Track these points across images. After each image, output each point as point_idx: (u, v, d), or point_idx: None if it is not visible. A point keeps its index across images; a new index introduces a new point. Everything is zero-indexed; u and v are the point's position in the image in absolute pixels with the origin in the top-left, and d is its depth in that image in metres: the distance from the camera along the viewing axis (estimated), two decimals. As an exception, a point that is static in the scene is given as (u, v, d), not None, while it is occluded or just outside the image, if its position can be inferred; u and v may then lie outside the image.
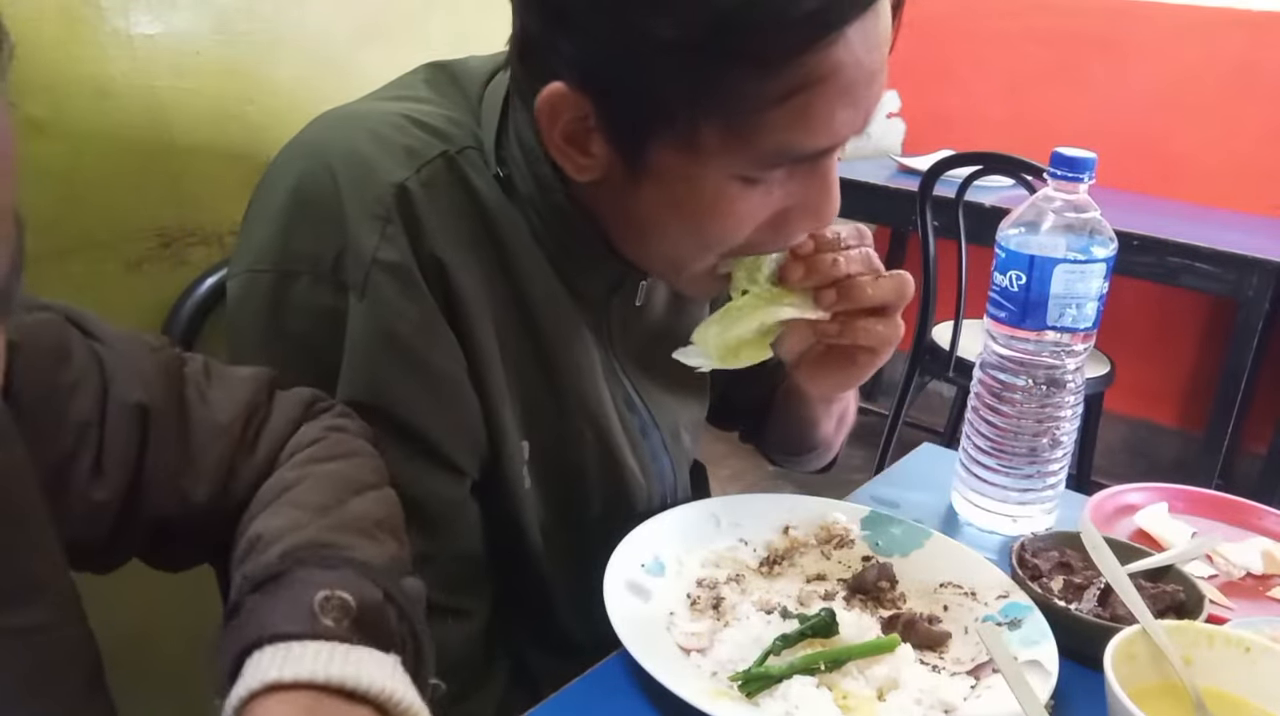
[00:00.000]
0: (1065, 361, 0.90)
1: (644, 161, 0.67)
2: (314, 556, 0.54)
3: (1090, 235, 0.86)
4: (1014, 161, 2.24)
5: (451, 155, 0.73)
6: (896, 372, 2.55)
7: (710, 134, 0.64)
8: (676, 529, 0.84)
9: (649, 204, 0.70)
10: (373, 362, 0.70)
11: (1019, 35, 3.12)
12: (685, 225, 0.70)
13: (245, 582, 0.53)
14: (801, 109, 0.63)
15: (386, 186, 0.69)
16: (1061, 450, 0.94)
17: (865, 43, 0.62)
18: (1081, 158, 0.85)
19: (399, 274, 0.69)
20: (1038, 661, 0.71)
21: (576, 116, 0.67)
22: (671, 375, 0.90)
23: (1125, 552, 0.81)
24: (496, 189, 0.74)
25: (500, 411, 0.76)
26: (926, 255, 2.46)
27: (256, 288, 0.71)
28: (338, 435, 0.67)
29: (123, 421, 0.59)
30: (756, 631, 0.73)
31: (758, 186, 0.68)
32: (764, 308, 0.75)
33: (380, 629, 0.52)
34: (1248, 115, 2.81)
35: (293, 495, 0.61)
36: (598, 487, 0.85)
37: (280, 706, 0.47)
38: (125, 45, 0.92)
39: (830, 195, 0.70)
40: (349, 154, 0.71)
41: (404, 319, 0.69)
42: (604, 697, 0.69)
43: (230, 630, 0.52)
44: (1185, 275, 2.38)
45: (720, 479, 2.82)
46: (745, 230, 0.70)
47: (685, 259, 0.74)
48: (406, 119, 0.73)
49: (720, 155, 0.65)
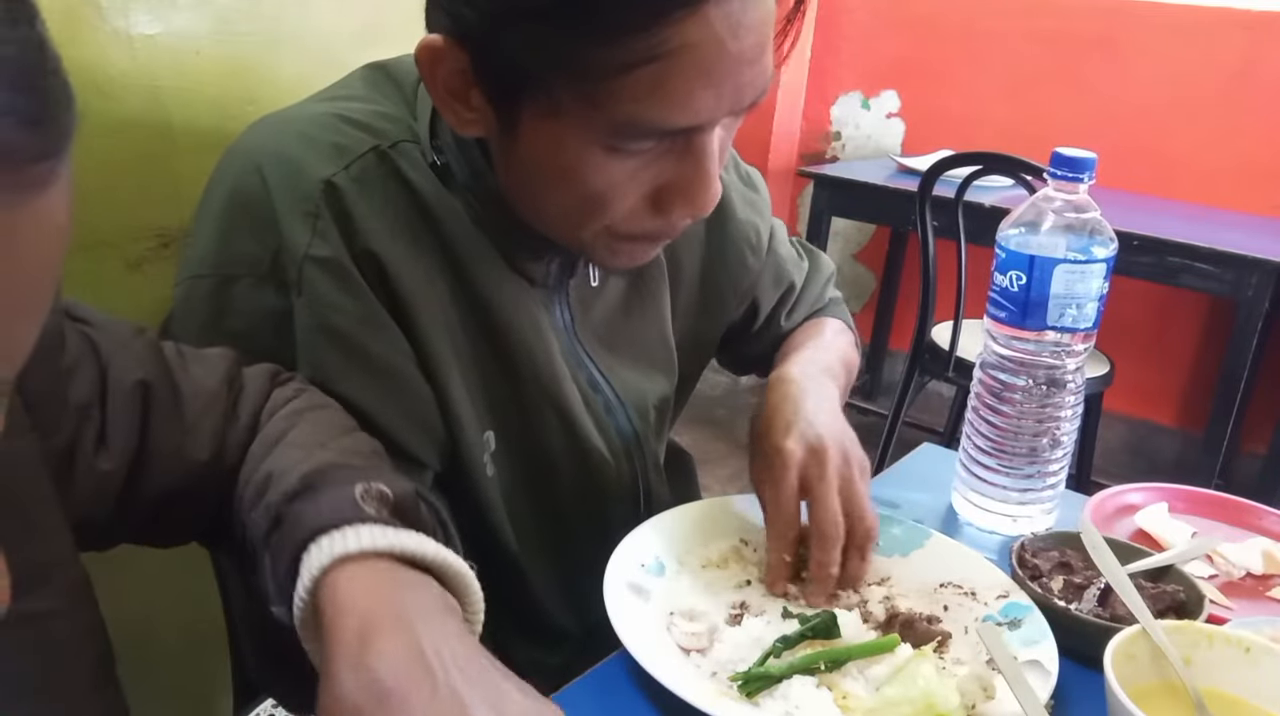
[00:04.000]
0: (1065, 361, 0.90)
1: (514, 120, 0.67)
2: (333, 473, 0.57)
3: (1090, 235, 0.86)
4: (1014, 161, 2.24)
5: (384, 150, 0.73)
6: (896, 373, 2.56)
7: (568, 99, 0.64)
8: (676, 529, 0.84)
9: (526, 165, 0.70)
10: (319, 357, 0.71)
11: (1019, 35, 3.12)
12: (557, 189, 0.69)
13: (274, 504, 0.56)
14: (654, 82, 0.61)
15: (315, 183, 0.70)
16: (1061, 450, 0.94)
17: (728, 23, 0.61)
18: (1081, 158, 0.85)
19: (332, 269, 0.70)
20: (1038, 661, 0.71)
21: (455, 69, 0.67)
22: (635, 353, 0.90)
23: (1125, 552, 0.81)
24: (434, 180, 0.74)
25: (455, 400, 0.76)
26: (926, 255, 2.46)
27: (198, 292, 0.72)
28: (309, 391, 0.70)
29: (124, 399, 0.60)
30: (757, 631, 0.73)
31: (625, 159, 0.67)
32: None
33: (416, 516, 0.55)
34: (1248, 115, 2.81)
35: (290, 438, 0.63)
36: (566, 469, 0.85)
37: (361, 570, 0.50)
38: (125, 45, 0.92)
39: (704, 179, 0.68)
40: (277, 155, 0.71)
41: (341, 312, 0.70)
42: (604, 697, 0.69)
43: (277, 540, 0.54)
44: (1185, 275, 2.38)
45: (720, 479, 2.83)
46: (617, 202, 0.69)
47: (564, 226, 0.73)
48: (337, 118, 0.74)
49: (580, 121, 0.64)
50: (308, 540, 0.51)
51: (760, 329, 1.03)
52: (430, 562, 0.53)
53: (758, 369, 1.09)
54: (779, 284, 1.02)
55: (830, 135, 3.56)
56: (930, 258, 2.45)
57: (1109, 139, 2.92)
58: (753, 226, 0.97)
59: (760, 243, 0.98)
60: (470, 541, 0.81)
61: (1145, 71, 2.94)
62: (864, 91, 3.45)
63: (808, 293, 1.05)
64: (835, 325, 1.03)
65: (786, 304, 1.03)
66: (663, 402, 0.94)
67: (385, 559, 0.51)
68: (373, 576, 0.50)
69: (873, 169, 3.00)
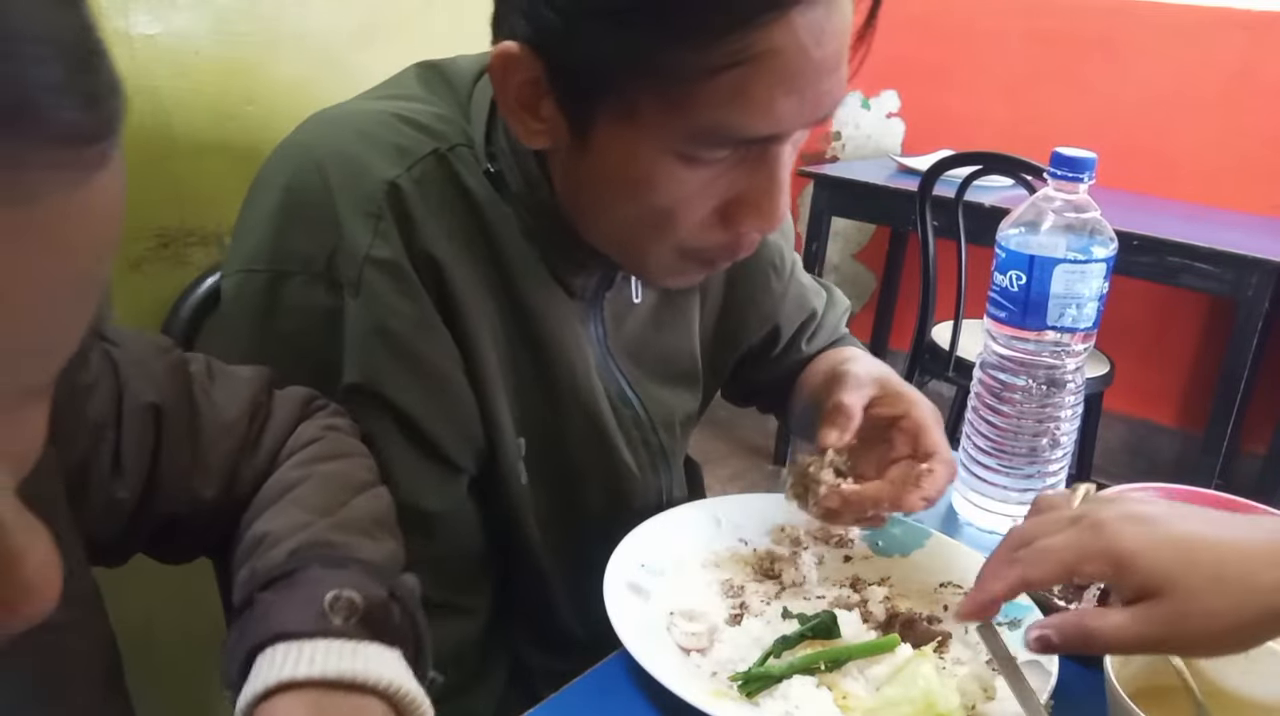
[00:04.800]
0: (1065, 361, 0.90)
1: (589, 129, 0.67)
2: (322, 556, 0.56)
3: (1090, 235, 0.86)
4: (1014, 161, 2.24)
5: (442, 153, 0.73)
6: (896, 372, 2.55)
7: (648, 103, 0.63)
8: (676, 529, 0.84)
9: (594, 174, 0.69)
10: (371, 359, 0.70)
11: (1019, 35, 3.13)
12: (627, 202, 0.69)
13: (255, 578, 0.55)
14: (737, 87, 0.61)
15: (378, 184, 0.69)
16: (1061, 450, 0.94)
17: (811, 32, 0.61)
18: (1081, 158, 0.85)
19: (392, 271, 0.69)
20: (1038, 661, 0.71)
21: (528, 78, 0.66)
22: (664, 368, 0.90)
23: (1125, 552, 0.81)
24: (487, 186, 0.74)
25: (496, 407, 0.76)
26: (926, 255, 2.46)
27: (250, 287, 0.71)
28: (334, 435, 0.68)
29: (137, 421, 0.59)
30: (757, 632, 0.73)
31: (699, 169, 0.66)
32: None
33: (385, 625, 0.54)
34: (1248, 115, 2.81)
35: (296, 494, 0.62)
36: (594, 482, 0.85)
37: (293, 703, 0.49)
38: (125, 45, 0.92)
39: (776, 191, 0.68)
40: (339, 153, 0.71)
41: (398, 316, 0.70)
42: (604, 697, 0.69)
43: (241, 625, 0.53)
44: (1185, 275, 2.38)
45: (720, 479, 2.83)
46: (687, 214, 0.69)
47: (632, 241, 0.73)
48: (396, 117, 0.73)
49: (658, 127, 0.64)
50: (266, 643, 0.51)
51: (779, 355, 1.02)
52: (379, 689, 0.51)
53: (762, 398, 1.09)
54: (802, 310, 1.02)
55: (830, 135, 3.56)
56: (930, 258, 2.45)
57: (1109, 139, 2.92)
58: (778, 249, 0.97)
59: (784, 266, 0.98)
60: (500, 550, 0.82)
61: (1145, 71, 2.94)
62: (864, 91, 3.45)
63: (827, 321, 1.05)
64: (856, 351, 1.02)
65: (808, 330, 1.03)
66: (688, 419, 0.95)
67: (327, 688, 0.50)
68: (305, 711, 0.49)
69: (873, 169, 3.00)
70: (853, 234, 3.58)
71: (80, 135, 0.21)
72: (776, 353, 1.02)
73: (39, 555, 0.25)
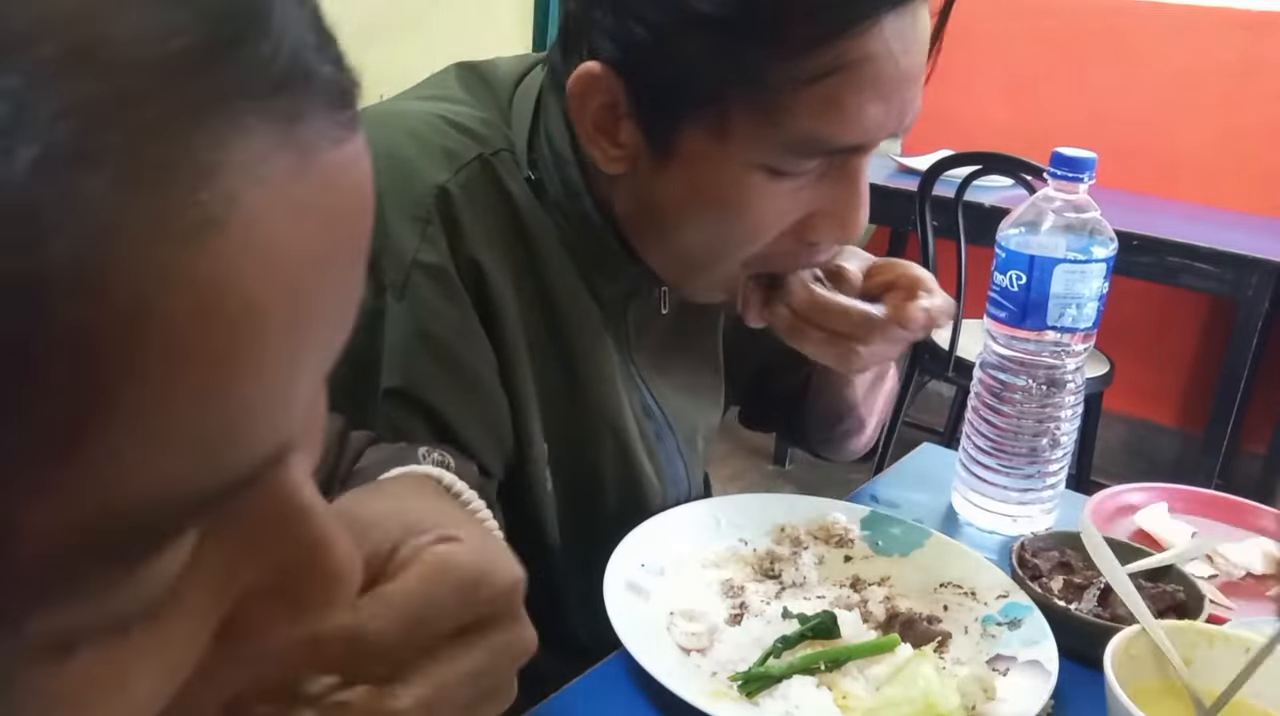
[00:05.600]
0: (1065, 361, 0.90)
1: (672, 145, 0.67)
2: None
3: (1090, 235, 0.86)
4: (1014, 161, 2.24)
5: (487, 158, 0.73)
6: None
7: (739, 116, 0.64)
8: (676, 529, 0.84)
9: (674, 193, 0.70)
10: (410, 362, 0.70)
11: (1019, 35, 3.12)
12: (708, 217, 0.69)
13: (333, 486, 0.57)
14: (831, 96, 0.62)
15: (428, 188, 0.70)
16: (1061, 450, 0.94)
17: (900, 39, 0.63)
18: (1081, 158, 0.85)
19: (438, 276, 0.69)
20: (1038, 661, 0.71)
21: (607, 102, 0.67)
22: (687, 381, 0.90)
23: (1125, 552, 0.81)
24: (528, 192, 0.74)
25: (527, 413, 0.76)
26: (926, 255, 2.45)
27: None
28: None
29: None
30: (757, 632, 0.73)
31: (784, 182, 0.67)
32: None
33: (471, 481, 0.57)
34: (1248, 115, 2.81)
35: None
36: (614, 492, 0.85)
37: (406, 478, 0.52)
38: (125, 45, 0.92)
39: (858, 201, 0.70)
40: (389, 154, 0.71)
41: (442, 320, 0.70)
42: (604, 697, 0.69)
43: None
44: (1185, 275, 2.38)
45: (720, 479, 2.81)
46: (769, 229, 0.69)
47: (705, 260, 0.73)
48: (442, 119, 0.73)
49: (748, 140, 0.65)
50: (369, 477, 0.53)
51: (787, 365, 1.00)
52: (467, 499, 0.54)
53: (773, 417, 1.07)
54: None
55: (830, 135, 3.56)
56: (930, 258, 2.45)
57: (1109, 139, 2.91)
58: None
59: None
60: (519, 556, 0.81)
61: (1145, 71, 2.94)
62: (864, 91, 3.45)
63: None
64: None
65: None
66: (710, 431, 0.95)
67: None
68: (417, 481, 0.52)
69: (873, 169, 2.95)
70: (853, 234, 3.58)
71: (340, 93, 0.22)
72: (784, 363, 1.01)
73: (345, 543, 0.25)
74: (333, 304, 0.22)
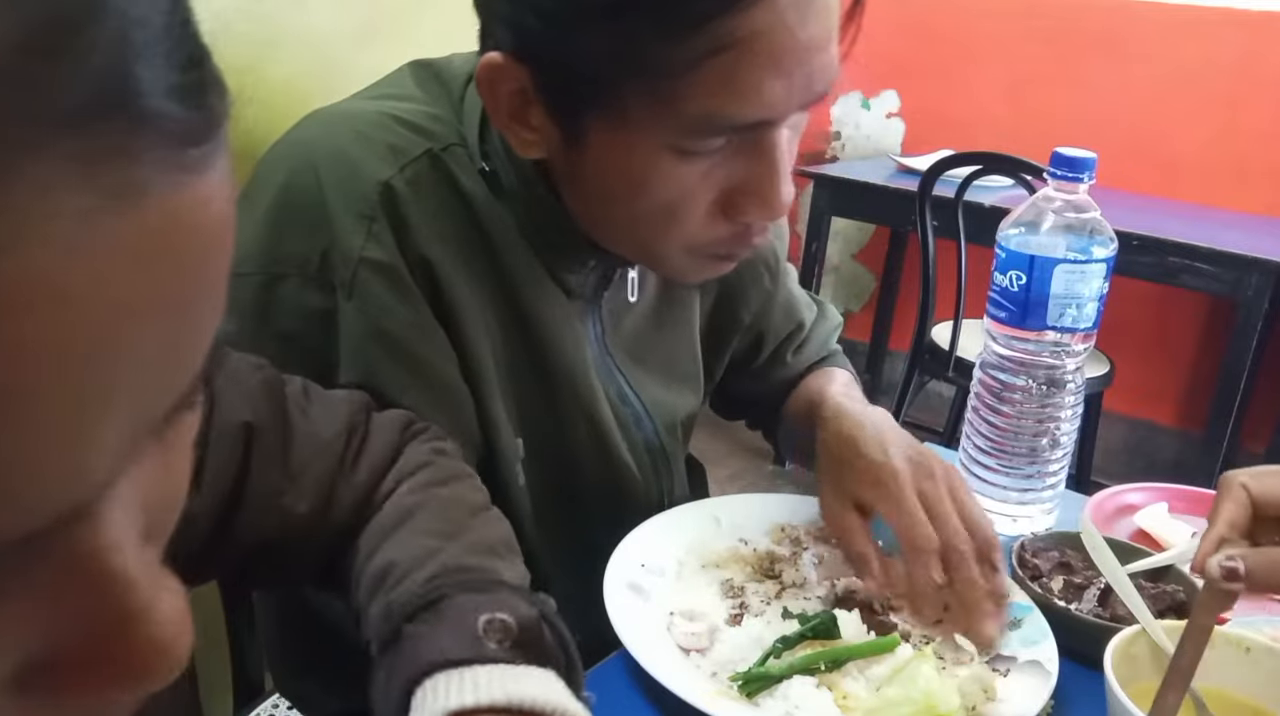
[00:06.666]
0: (1065, 361, 0.90)
1: (581, 134, 0.67)
2: (463, 581, 0.55)
3: (1090, 235, 0.86)
4: (1014, 161, 2.24)
5: (436, 153, 0.73)
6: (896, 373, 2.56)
7: (636, 100, 0.63)
8: (676, 529, 0.84)
9: (591, 178, 0.69)
10: (365, 359, 0.70)
11: (1019, 35, 3.12)
12: (627, 203, 0.69)
13: (394, 611, 0.54)
14: (725, 74, 0.61)
15: (372, 185, 0.69)
16: (1061, 450, 0.94)
17: (796, 9, 0.61)
18: (1081, 158, 0.85)
19: (386, 272, 0.69)
20: (1038, 661, 0.71)
21: (516, 88, 0.66)
22: (665, 368, 0.90)
23: (1125, 552, 0.81)
24: (482, 185, 0.74)
25: (493, 408, 0.76)
26: (926, 255, 2.46)
27: (245, 289, 0.71)
28: (442, 459, 0.67)
29: (226, 440, 0.58)
30: (756, 632, 0.73)
31: (695, 162, 0.66)
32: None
33: (539, 646, 0.53)
34: (1248, 115, 2.81)
35: (416, 522, 0.60)
36: (594, 483, 0.85)
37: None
38: (125, 45, 0.92)
39: (775, 178, 0.67)
40: (334, 153, 0.71)
41: (393, 317, 0.70)
42: (604, 697, 0.69)
43: (390, 662, 0.52)
44: (1185, 275, 2.38)
45: (720, 479, 2.82)
46: (688, 210, 0.68)
47: (641, 243, 0.72)
48: (390, 117, 0.73)
49: (649, 123, 0.64)
50: (424, 674, 0.50)
51: (764, 365, 1.02)
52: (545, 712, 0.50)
53: (751, 413, 1.08)
54: (789, 319, 1.01)
55: (830, 135, 3.56)
56: (930, 258, 2.45)
57: (1109, 139, 2.91)
58: (771, 249, 0.96)
59: (777, 268, 0.98)
60: None
61: (1145, 71, 2.94)
62: (864, 91, 3.45)
63: (816, 334, 1.04)
64: (845, 375, 1.01)
65: (794, 341, 1.02)
66: (689, 418, 0.94)
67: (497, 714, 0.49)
68: None
69: (873, 169, 3.00)
70: (853, 234, 3.58)
71: (185, 131, 0.20)
72: (761, 362, 1.02)
73: (164, 610, 0.23)
74: (154, 349, 0.21)
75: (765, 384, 1.02)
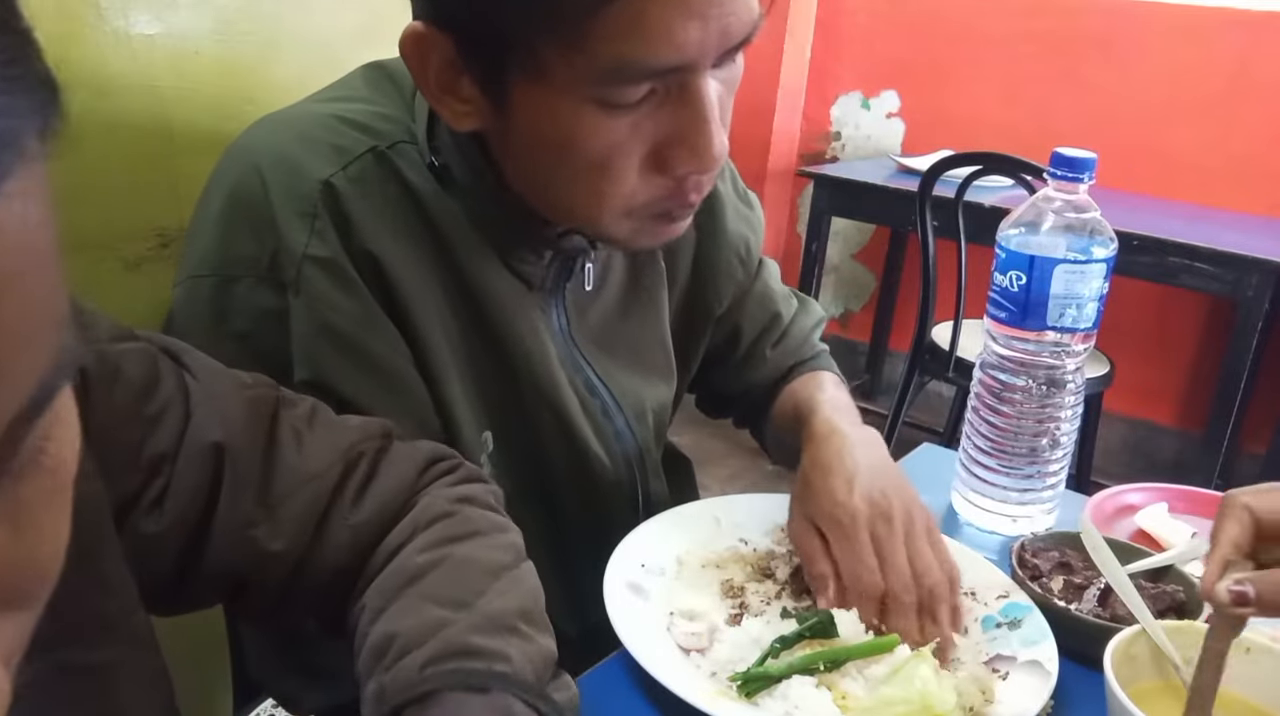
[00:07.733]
0: (1065, 361, 0.90)
1: (506, 96, 0.67)
2: (460, 674, 0.52)
3: (1090, 235, 0.86)
4: (1014, 161, 2.24)
5: (382, 150, 0.73)
6: (896, 373, 2.56)
7: (550, 54, 0.63)
8: (676, 529, 0.84)
9: (525, 147, 0.69)
10: (315, 355, 0.71)
11: (1019, 35, 3.12)
12: (560, 164, 0.68)
13: (385, 698, 0.52)
14: (632, 16, 0.60)
15: (313, 184, 0.70)
16: (1061, 450, 0.94)
17: None
18: (1081, 158, 0.85)
19: (330, 268, 0.70)
20: (1038, 661, 0.71)
21: (443, 59, 0.66)
22: (633, 357, 0.90)
23: (1125, 552, 0.81)
24: (432, 181, 0.74)
25: (451, 400, 0.76)
26: (926, 255, 2.46)
27: (199, 293, 0.72)
28: (467, 508, 0.63)
29: (196, 459, 0.56)
30: (756, 631, 0.73)
31: (620, 115, 0.65)
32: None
33: None
34: (1247, 115, 2.81)
35: (426, 586, 0.57)
36: (564, 475, 0.85)
37: None
38: (125, 45, 0.92)
39: (702, 126, 0.66)
40: (277, 156, 0.72)
41: (339, 312, 0.70)
42: (604, 697, 0.69)
43: None
44: (1185, 275, 2.38)
45: (720, 479, 2.82)
46: (620, 166, 0.68)
47: (583, 207, 0.71)
48: (336, 118, 0.74)
49: (567, 77, 0.63)
50: None
51: (742, 360, 1.01)
52: None
53: (735, 409, 1.08)
54: (764, 311, 1.01)
55: (830, 135, 3.56)
56: (930, 258, 2.45)
57: (1109, 139, 2.92)
58: (743, 239, 0.96)
59: (750, 257, 0.97)
60: None
61: (1145, 71, 2.94)
62: (864, 91, 3.45)
63: (795, 329, 1.03)
64: (833, 379, 0.99)
65: (772, 335, 1.01)
66: (661, 408, 0.94)
67: None
68: None
69: (873, 169, 3.00)
70: (852, 234, 3.58)
71: None
72: (740, 355, 1.01)
73: None
74: None
75: (747, 380, 1.02)
